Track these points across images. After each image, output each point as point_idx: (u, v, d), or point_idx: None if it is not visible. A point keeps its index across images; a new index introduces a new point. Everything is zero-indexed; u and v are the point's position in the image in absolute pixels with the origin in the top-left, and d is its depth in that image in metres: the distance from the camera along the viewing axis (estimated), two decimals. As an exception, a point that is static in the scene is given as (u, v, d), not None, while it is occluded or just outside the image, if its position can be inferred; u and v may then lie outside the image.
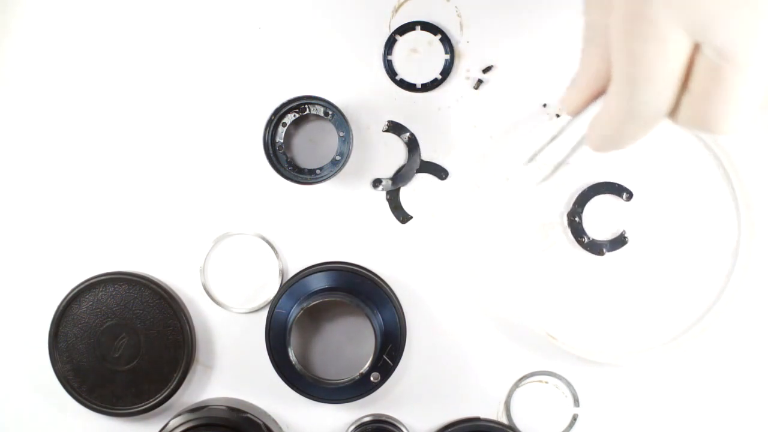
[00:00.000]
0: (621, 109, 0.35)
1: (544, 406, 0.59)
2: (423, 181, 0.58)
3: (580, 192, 0.58)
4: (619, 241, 0.58)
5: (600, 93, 0.38)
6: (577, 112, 0.41)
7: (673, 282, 0.58)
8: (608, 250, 0.58)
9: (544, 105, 0.58)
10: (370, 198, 0.58)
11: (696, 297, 0.58)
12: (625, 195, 0.58)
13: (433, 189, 0.58)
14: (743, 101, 0.33)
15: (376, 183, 0.57)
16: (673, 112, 0.34)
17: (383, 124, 0.58)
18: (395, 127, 0.57)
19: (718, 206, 0.58)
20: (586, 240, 0.58)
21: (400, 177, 0.58)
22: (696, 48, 0.32)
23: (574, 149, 0.48)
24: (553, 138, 0.49)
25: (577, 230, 0.58)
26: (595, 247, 0.58)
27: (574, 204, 0.58)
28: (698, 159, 0.58)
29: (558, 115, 0.57)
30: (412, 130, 0.58)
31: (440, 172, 0.58)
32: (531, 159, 0.52)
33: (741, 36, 0.31)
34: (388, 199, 0.58)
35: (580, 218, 0.58)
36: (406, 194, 0.58)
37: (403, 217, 0.58)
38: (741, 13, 0.31)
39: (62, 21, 0.58)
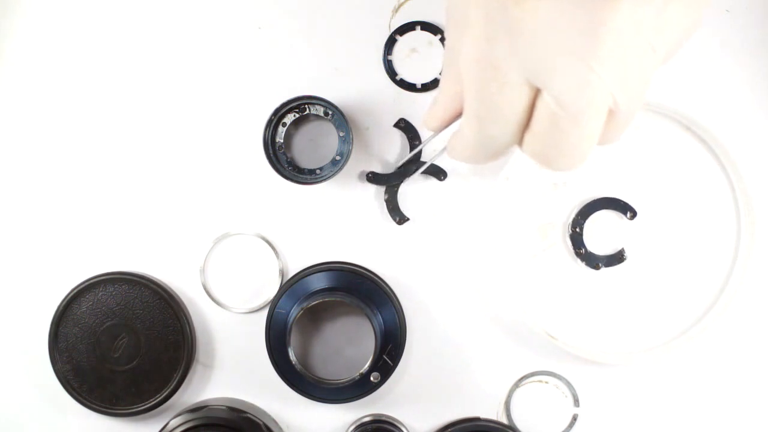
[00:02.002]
0: (471, 138, 0.37)
1: (544, 406, 0.59)
2: (422, 182, 0.58)
3: (584, 204, 0.58)
4: (617, 258, 0.58)
5: (459, 113, 0.40)
6: (438, 130, 0.43)
7: (673, 282, 0.58)
8: (604, 266, 0.58)
9: (544, 105, 0.58)
10: (370, 198, 0.58)
11: (696, 297, 0.58)
12: (629, 213, 0.57)
13: (431, 190, 0.58)
14: (577, 145, 0.35)
15: (370, 177, 0.57)
16: (519, 144, 0.37)
17: (396, 119, 0.58)
18: (407, 128, 0.57)
19: (718, 206, 0.58)
20: (584, 252, 0.58)
21: (397, 175, 0.58)
22: (538, 92, 0.34)
23: (434, 158, 0.54)
24: (414, 152, 0.55)
25: (576, 241, 0.58)
26: (592, 260, 0.58)
27: (577, 215, 0.57)
28: (698, 159, 0.58)
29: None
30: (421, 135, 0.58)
31: (439, 174, 0.58)
32: (399, 167, 0.57)
33: (574, 86, 0.33)
34: (386, 200, 0.58)
35: (581, 229, 0.58)
36: (404, 195, 0.58)
37: (399, 218, 0.58)
38: (573, 65, 0.33)
39: (62, 21, 0.58)
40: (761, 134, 0.58)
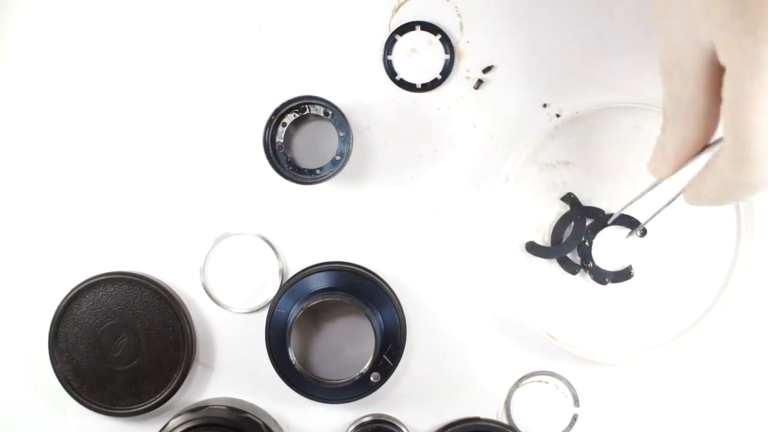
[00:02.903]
0: (732, 182, 0.36)
1: (544, 406, 0.59)
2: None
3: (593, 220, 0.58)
4: (624, 275, 0.58)
5: (690, 157, 0.40)
6: (667, 177, 0.42)
7: (673, 282, 0.58)
8: (611, 281, 0.58)
9: (544, 105, 0.58)
10: (370, 198, 0.58)
11: (696, 297, 0.58)
12: (639, 231, 0.57)
13: (432, 191, 0.58)
14: None
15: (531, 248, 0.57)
16: None
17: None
18: (574, 203, 0.57)
19: (718, 206, 0.58)
20: (591, 265, 0.58)
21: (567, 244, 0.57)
22: None
23: (667, 205, 0.52)
24: (641, 195, 0.52)
25: (585, 255, 0.58)
26: (599, 275, 0.58)
27: (587, 228, 0.58)
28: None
29: (558, 115, 0.57)
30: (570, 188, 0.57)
31: (634, 225, 0.57)
32: (618, 214, 0.56)
33: None
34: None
35: (590, 243, 0.58)
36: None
37: (573, 269, 0.58)
38: None
39: (62, 21, 0.58)
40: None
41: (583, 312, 0.59)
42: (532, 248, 0.57)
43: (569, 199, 0.57)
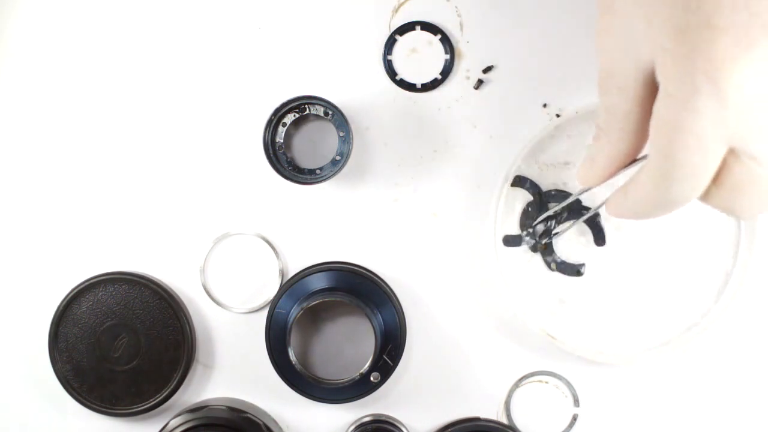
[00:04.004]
0: (652, 197, 0.37)
1: (544, 406, 0.59)
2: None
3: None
4: (576, 270, 0.58)
5: (618, 169, 0.40)
6: (594, 186, 0.43)
7: (673, 282, 0.58)
8: (558, 271, 0.58)
9: (544, 105, 0.58)
10: (370, 198, 0.58)
11: (696, 297, 0.58)
12: (600, 241, 0.58)
13: (432, 192, 0.58)
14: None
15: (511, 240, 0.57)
16: (702, 197, 0.37)
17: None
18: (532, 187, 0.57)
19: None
20: (553, 261, 0.58)
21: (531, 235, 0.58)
22: (730, 151, 0.35)
23: (588, 215, 0.54)
24: (562, 206, 0.54)
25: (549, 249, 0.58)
26: (568, 269, 0.58)
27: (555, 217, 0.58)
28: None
29: (558, 115, 0.57)
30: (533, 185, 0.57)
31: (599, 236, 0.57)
32: (536, 224, 0.57)
33: None
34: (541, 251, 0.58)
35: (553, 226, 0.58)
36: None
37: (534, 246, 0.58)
38: None
39: (62, 21, 0.58)
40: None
41: (583, 312, 0.59)
42: (507, 241, 0.58)
43: (518, 181, 0.57)
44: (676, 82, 0.34)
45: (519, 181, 0.57)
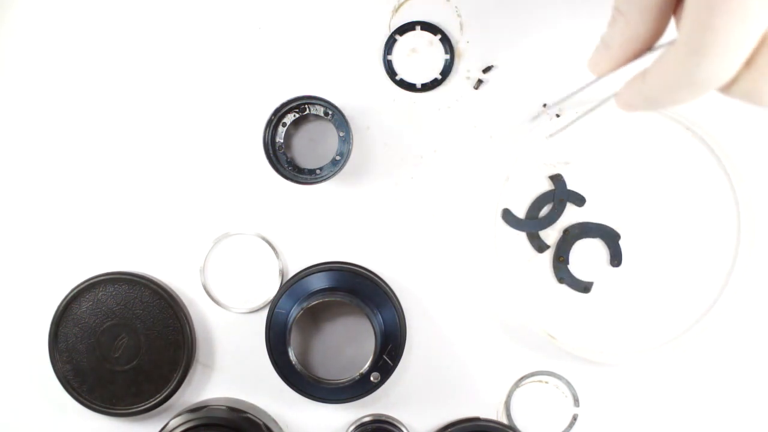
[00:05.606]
0: (680, 77, 0.34)
1: (544, 406, 0.59)
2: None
3: (573, 225, 0.58)
4: (585, 287, 0.58)
5: (634, 55, 0.37)
6: (605, 74, 0.39)
7: (673, 282, 0.58)
8: (567, 285, 0.58)
9: (544, 105, 0.58)
10: (370, 198, 0.58)
11: (696, 297, 0.58)
12: (615, 261, 0.58)
13: (431, 191, 0.58)
14: None
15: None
16: (728, 84, 0.34)
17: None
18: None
19: (718, 206, 0.58)
20: (565, 262, 0.58)
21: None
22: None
23: (594, 108, 0.46)
24: (573, 93, 0.47)
25: (563, 250, 0.58)
26: (566, 276, 0.58)
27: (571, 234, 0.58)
28: (698, 158, 0.58)
29: (558, 116, 0.57)
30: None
31: (579, 200, 0.57)
32: (546, 111, 0.55)
33: None
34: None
35: (567, 257, 0.58)
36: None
37: (540, 246, 0.58)
38: None
39: (62, 21, 0.58)
40: (762, 134, 0.58)
41: (583, 312, 0.59)
42: (506, 216, 0.57)
43: (556, 179, 0.57)
44: None
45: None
